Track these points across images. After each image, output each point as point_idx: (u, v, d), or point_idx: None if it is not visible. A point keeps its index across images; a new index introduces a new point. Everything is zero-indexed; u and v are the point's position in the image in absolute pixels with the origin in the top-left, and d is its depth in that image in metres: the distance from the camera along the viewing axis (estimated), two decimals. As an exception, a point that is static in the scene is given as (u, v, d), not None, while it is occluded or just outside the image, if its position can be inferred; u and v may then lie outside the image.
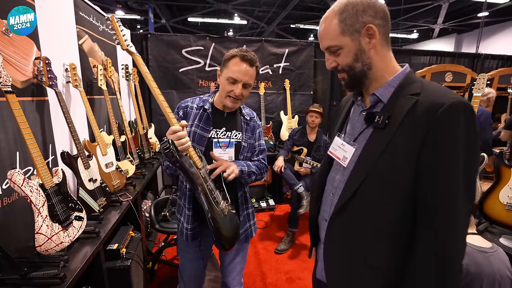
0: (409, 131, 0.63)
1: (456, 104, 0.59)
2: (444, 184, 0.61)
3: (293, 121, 3.54)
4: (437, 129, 0.60)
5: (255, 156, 1.25)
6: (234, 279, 1.30)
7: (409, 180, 0.64)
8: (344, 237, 0.76)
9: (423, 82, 0.67)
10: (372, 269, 0.71)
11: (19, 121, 1.01)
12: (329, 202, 0.83)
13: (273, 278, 2.08)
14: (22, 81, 1.22)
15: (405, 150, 0.63)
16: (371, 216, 0.70)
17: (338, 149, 0.80)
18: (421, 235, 0.64)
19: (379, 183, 0.68)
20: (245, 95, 1.11)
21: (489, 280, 1.06)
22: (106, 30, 2.23)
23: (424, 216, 0.64)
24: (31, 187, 1.03)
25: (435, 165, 0.61)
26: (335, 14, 0.68)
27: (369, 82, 0.72)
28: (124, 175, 1.87)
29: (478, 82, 1.57)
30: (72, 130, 1.40)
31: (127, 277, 1.43)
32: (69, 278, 1.00)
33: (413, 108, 0.63)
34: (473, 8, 7.15)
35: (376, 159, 0.67)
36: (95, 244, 1.24)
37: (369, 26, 0.66)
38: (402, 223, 0.67)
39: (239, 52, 1.06)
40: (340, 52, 0.70)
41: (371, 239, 0.71)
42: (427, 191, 0.63)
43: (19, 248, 1.13)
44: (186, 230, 1.17)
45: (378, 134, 0.69)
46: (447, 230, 0.61)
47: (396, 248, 0.69)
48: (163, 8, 7.93)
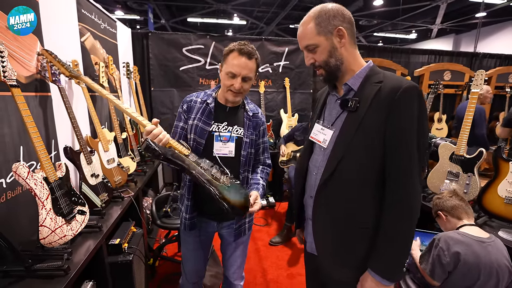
0: (376, 111, 0.78)
1: (410, 87, 0.75)
2: (403, 149, 0.77)
3: (293, 119, 3.56)
4: (397, 108, 0.75)
5: (260, 154, 1.28)
6: (235, 272, 1.32)
7: (380, 155, 0.79)
8: (329, 208, 0.87)
9: (384, 73, 0.83)
10: (360, 231, 0.84)
11: (23, 114, 1.03)
12: (313, 181, 0.93)
13: (274, 274, 2.09)
14: (26, 76, 1.23)
15: (374, 128, 0.78)
16: (351, 189, 0.83)
17: (319, 134, 0.92)
18: (388, 192, 0.79)
19: (355, 161, 0.81)
20: (246, 89, 1.11)
21: (486, 269, 1.07)
22: (107, 28, 2.24)
23: (389, 183, 0.79)
24: (36, 180, 1.04)
25: (396, 137, 0.77)
26: (311, 19, 0.82)
27: (342, 75, 0.86)
28: (125, 172, 1.88)
29: (476, 79, 1.59)
30: (74, 126, 1.41)
31: (129, 272, 1.44)
32: (72, 270, 1.01)
33: (378, 93, 0.79)
34: (471, 8, 7.19)
35: (351, 137, 0.81)
36: (97, 238, 1.25)
37: (339, 28, 0.80)
38: (379, 187, 0.81)
39: (236, 46, 1.06)
40: (316, 50, 0.83)
41: (353, 208, 0.84)
42: (392, 155, 0.78)
43: (23, 241, 1.13)
44: (184, 219, 1.20)
45: (351, 117, 0.83)
46: (406, 183, 0.77)
47: (376, 209, 0.81)
48: (162, 8, 7.94)
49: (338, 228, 0.87)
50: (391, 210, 0.79)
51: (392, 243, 0.79)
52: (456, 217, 1.27)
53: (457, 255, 1.10)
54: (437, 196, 1.38)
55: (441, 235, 1.17)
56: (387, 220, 0.79)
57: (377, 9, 7.03)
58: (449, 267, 1.12)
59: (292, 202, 2.54)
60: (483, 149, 1.54)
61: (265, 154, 1.30)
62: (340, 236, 0.87)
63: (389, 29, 9.30)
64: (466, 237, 1.14)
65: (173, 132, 1.18)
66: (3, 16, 1.09)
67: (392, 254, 0.79)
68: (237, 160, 1.16)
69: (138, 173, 2.14)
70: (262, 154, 1.29)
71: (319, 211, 0.90)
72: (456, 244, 1.11)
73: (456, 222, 1.27)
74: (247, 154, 1.17)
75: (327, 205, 0.88)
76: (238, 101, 1.16)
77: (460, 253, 1.09)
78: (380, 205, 0.81)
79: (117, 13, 8.06)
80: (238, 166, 1.16)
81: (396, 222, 0.78)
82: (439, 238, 1.16)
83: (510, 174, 1.43)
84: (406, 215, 0.78)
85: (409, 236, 0.79)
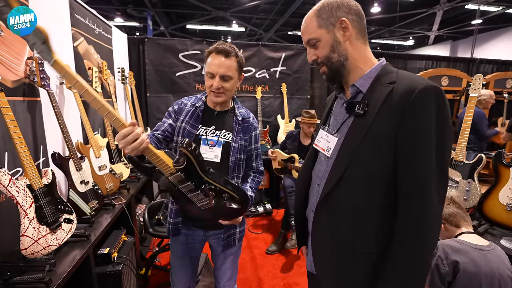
0: (387, 116, 0.68)
1: (426, 88, 0.64)
2: (418, 160, 0.65)
3: (290, 125, 3.53)
4: (411, 112, 0.65)
5: (253, 161, 1.24)
6: (225, 285, 1.27)
7: (390, 163, 0.68)
8: (330, 225, 0.78)
9: (398, 72, 0.72)
10: (360, 256, 0.73)
11: (7, 119, 0.99)
12: (315, 193, 0.84)
13: (270, 284, 2.03)
14: (13, 81, 1.20)
15: (384, 135, 0.68)
16: (356, 202, 0.73)
17: (322, 141, 0.83)
18: (399, 217, 0.68)
19: (362, 168, 0.71)
20: (227, 88, 1.08)
21: (487, 279, 1.03)
22: (102, 33, 2.23)
23: (401, 198, 0.68)
24: (18, 188, 1.00)
25: (410, 146, 0.66)
26: (314, 13, 0.76)
27: (347, 73, 0.77)
28: (118, 178, 1.84)
29: (474, 83, 1.58)
30: (64, 131, 1.37)
31: (118, 283, 1.39)
32: (54, 282, 0.96)
33: (390, 95, 0.68)
34: (467, 15, 7.29)
35: (357, 144, 0.71)
36: (84, 247, 1.20)
37: (342, 19, 0.72)
38: (387, 207, 0.70)
39: (214, 46, 1.07)
40: (318, 45, 0.76)
41: (357, 226, 0.73)
42: (403, 173, 0.67)
43: (4, 252, 1.08)
44: (169, 224, 1.18)
45: (358, 122, 0.73)
46: (421, 212, 0.65)
47: (382, 233, 0.71)
48: (161, 15, 8.03)
49: (340, 249, 0.76)
50: (402, 231, 0.67)
51: (402, 272, 0.67)
52: (454, 225, 1.23)
53: (456, 264, 1.06)
54: None
55: (439, 243, 1.13)
56: (397, 243, 0.68)
57: (375, 16, 7.12)
58: (448, 276, 1.07)
59: (288, 208, 2.48)
60: (483, 155, 1.51)
61: (258, 161, 1.26)
62: (341, 259, 0.77)
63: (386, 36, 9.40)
64: (464, 245, 1.10)
65: (157, 126, 1.14)
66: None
67: (403, 285, 0.67)
68: (225, 166, 1.13)
69: (131, 180, 2.09)
70: (255, 161, 1.25)
71: (319, 227, 0.81)
72: (454, 253, 1.08)
73: (454, 230, 1.23)
74: (235, 160, 1.14)
75: (328, 222, 0.78)
76: (222, 102, 1.12)
77: (459, 261, 1.05)
78: (388, 225, 0.70)
79: (117, 20, 8.14)
80: (225, 171, 1.13)
81: (407, 245, 0.66)
82: (437, 247, 1.12)
83: (511, 180, 1.39)
84: (419, 237, 0.65)
85: (421, 263, 0.66)
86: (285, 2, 6.54)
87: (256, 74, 3.48)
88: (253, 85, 3.48)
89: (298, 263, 2.29)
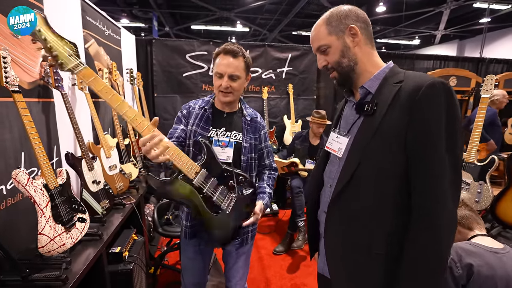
0: (395, 114, 0.69)
1: (434, 84, 0.65)
2: (429, 157, 0.66)
3: (297, 126, 3.53)
4: (419, 109, 0.66)
5: (265, 159, 1.27)
6: (237, 284, 1.28)
7: (402, 161, 0.69)
8: (342, 224, 0.78)
9: (406, 72, 0.74)
10: (376, 257, 0.73)
11: (25, 120, 1.01)
12: (327, 194, 0.85)
13: (277, 284, 2.03)
14: (29, 82, 1.23)
15: (394, 133, 0.69)
16: (368, 200, 0.73)
17: (334, 143, 0.85)
18: (413, 217, 0.68)
19: (373, 166, 0.72)
20: (235, 87, 1.10)
21: (503, 282, 1.01)
22: (112, 35, 2.26)
23: (414, 197, 0.68)
24: (35, 187, 1.02)
25: (420, 144, 0.66)
26: (323, 21, 0.79)
27: (357, 77, 0.79)
28: (127, 178, 1.86)
29: (486, 84, 1.56)
30: (76, 132, 1.40)
31: (130, 281, 1.40)
32: (71, 280, 0.98)
33: (398, 93, 0.70)
34: (475, 14, 7.18)
35: (367, 143, 0.72)
36: (97, 246, 1.22)
37: (351, 26, 0.75)
38: (401, 206, 0.70)
39: (222, 47, 1.11)
40: (328, 51, 0.78)
41: (369, 225, 0.73)
42: (415, 172, 0.67)
43: (22, 250, 1.11)
44: (185, 227, 1.18)
45: (368, 121, 0.75)
46: (435, 212, 0.65)
47: (397, 232, 0.71)
48: (167, 16, 8.07)
49: (353, 248, 0.77)
50: (415, 231, 0.67)
51: (415, 274, 0.66)
52: (467, 227, 1.22)
53: (470, 267, 1.04)
54: None
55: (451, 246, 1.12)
56: (410, 243, 0.68)
57: (380, 16, 7.07)
58: (462, 280, 1.06)
59: (295, 209, 2.48)
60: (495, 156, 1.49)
61: (270, 158, 1.29)
62: (354, 257, 0.77)
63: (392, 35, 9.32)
64: (478, 247, 1.09)
65: (170, 133, 1.16)
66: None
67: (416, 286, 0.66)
68: (237, 166, 1.14)
69: (140, 180, 2.11)
70: (267, 158, 1.28)
71: (331, 226, 0.82)
72: (468, 256, 1.06)
73: (467, 233, 1.22)
74: (247, 159, 1.16)
75: (341, 221, 0.78)
76: (230, 102, 1.14)
77: (473, 264, 1.04)
78: (403, 225, 0.69)
79: (122, 21, 8.21)
80: None
81: (419, 245, 0.66)
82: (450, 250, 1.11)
83: (524, 182, 1.38)
84: (432, 237, 0.65)
85: (435, 264, 0.65)
86: (289, 2, 6.53)
87: (263, 75, 3.48)
88: (259, 85, 3.49)
89: (305, 264, 2.29)
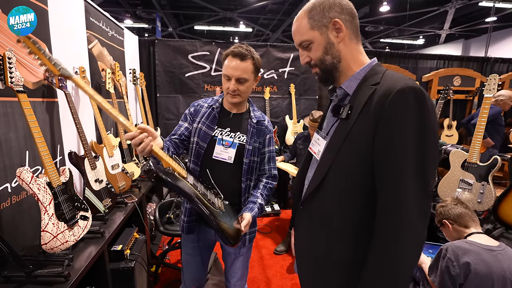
0: (365, 119, 0.64)
1: (404, 89, 0.59)
2: (390, 171, 0.61)
3: (298, 126, 3.53)
4: (384, 117, 0.61)
5: (265, 164, 1.23)
6: (236, 284, 1.29)
7: (370, 171, 0.64)
8: (311, 229, 0.77)
9: (385, 73, 0.68)
10: (336, 264, 0.72)
11: (29, 120, 1.04)
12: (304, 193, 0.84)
13: (278, 284, 2.04)
14: (33, 82, 1.25)
15: (363, 139, 0.64)
16: (332, 208, 0.71)
17: (315, 144, 0.83)
18: (375, 231, 0.65)
19: (343, 172, 0.69)
20: (243, 90, 1.10)
21: (500, 280, 1.01)
22: (115, 36, 2.28)
23: (380, 202, 0.63)
24: (39, 185, 1.04)
25: (383, 152, 0.62)
26: (305, 13, 0.72)
27: (339, 75, 0.74)
28: (129, 177, 1.88)
29: (489, 83, 1.54)
30: (80, 131, 1.42)
31: (131, 279, 1.42)
32: (73, 276, 1.00)
33: (371, 97, 0.65)
34: (480, 13, 7.09)
35: (338, 148, 0.69)
36: (99, 244, 1.23)
37: (335, 20, 0.69)
38: (366, 215, 0.66)
39: (230, 49, 1.10)
40: (311, 47, 0.73)
41: (334, 230, 0.72)
42: (378, 177, 0.63)
43: (26, 246, 1.14)
44: (183, 222, 1.20)
45: (342, 125, 0.71)
46: (395, 232, 0.61)
47: (360, 241, 0.68)
48: (170, 16, 8.13)
49: (314, 254, 0.76)
50: (375, 240, 0.64)
51: (374, 282, 0.64)
52: (463, 225, 1.22)
53: (467, 266, 1.04)
54: (441, 204, 1.33)
55: (448, 245, 1.12)
56: (371, 248, 0.65)
57: (384, 15, 7.02)
58: (459, 278, 1.06)
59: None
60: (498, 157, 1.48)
61: (270, 164, 1.24)
62: (315, 264, 0.76)
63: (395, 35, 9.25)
64: (474, 246, 1.08)
65: (174, 130, 1.18)
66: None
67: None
68: (239, 168, 1.14)
69: (142, 179, 2.13)
70: (268, 164, 1.24)
71: (300, 229, 0.82)
72: (465, 254, 1.06)
73: (463, 231, 1.22)
74: (249, 162, 1.15)
75: (309, 224, 0.78)
76: (238, 103, 1.14)
77: (470, 263, 1.04)
78: (367, 233, 0.66)
79: (126, 22, 8.28)
80: (239, 173, 1.14)
81: (379, 251, 0.63)
82: (446, 248, 1.11)
83: (526, 182, 1.36)
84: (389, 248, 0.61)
85: (394, 270, 0.62)
86: (292, 2, 6.52)
87: (265, 75, 3.49)
88: (261, 85, 3.50)
89: (306, 264, 2.29)
